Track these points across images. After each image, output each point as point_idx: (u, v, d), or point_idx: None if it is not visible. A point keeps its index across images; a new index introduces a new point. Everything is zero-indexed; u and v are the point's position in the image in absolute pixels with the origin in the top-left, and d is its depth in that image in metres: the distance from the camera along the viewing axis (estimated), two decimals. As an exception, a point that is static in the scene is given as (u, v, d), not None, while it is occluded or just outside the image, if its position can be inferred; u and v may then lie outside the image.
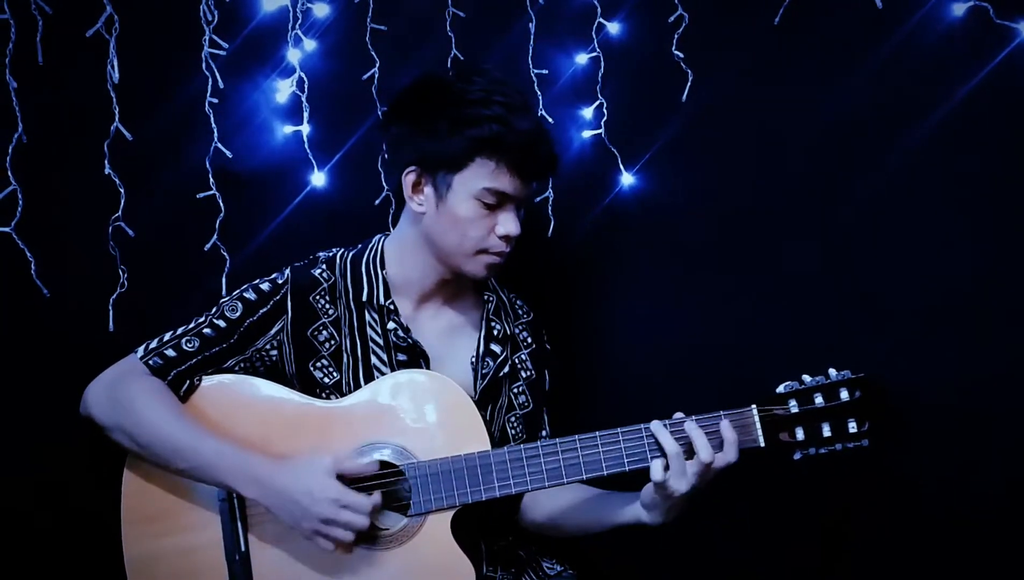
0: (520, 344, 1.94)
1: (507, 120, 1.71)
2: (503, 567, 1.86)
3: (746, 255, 2.11)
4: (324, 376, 1.80)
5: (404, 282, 1.84)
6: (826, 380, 1.72)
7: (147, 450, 1.72)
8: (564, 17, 2.14)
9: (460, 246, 1.77)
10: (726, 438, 1.67)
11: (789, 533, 2.09)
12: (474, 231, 1.75)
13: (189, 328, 1.79)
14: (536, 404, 1.94)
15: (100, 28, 2.08)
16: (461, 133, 1.72)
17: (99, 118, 2.08)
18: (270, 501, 1.67)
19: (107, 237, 2.09)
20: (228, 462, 1.68)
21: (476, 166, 1.73)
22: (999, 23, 2.00)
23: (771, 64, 2.09)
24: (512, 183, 1.74)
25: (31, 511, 2.05)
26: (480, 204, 1.74)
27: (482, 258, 1.78)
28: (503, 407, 1.89)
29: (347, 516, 1.64)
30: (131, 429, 1.72)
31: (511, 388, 1.91)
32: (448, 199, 1.75)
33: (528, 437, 1.91)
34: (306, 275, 1.82)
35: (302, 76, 2.13)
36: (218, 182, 2.13)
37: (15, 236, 2.05)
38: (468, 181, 1.74)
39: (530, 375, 1.94)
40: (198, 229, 2.12)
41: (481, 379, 1.85)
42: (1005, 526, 2.01)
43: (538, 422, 1.94)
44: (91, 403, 1.77)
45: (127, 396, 1.74)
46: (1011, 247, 2.01)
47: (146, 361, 1.77)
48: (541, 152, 1.78)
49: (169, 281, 2.13)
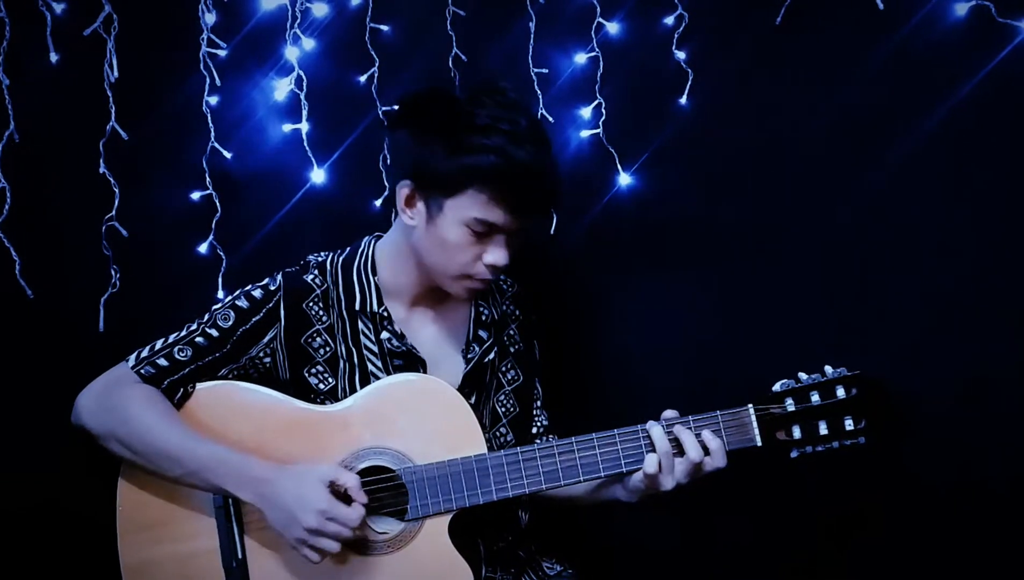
0: (508, 318, 1.93)
1: (506, 152, 1.64)
2: (502, 568, 1.86)
3: (744, 255, 2.11)
4: (320, 382, 1.79)
5: (396, 287, 1.83)
6: (822, 378, 1.72)
7: (141, 457, 1.71)
8: (564, 17, 2.13)
9: (444, 267, 1.74)
10: (710, 447, 1.68)
11: (787, 531, 2.10)
12: (460, 256, 1.72)
13: (181, 336, 1.78)
14: (526, 376, 1.93)
15: (98, 27, 2.08)
16: (458, 160, 1.66)
17: (95, 117, 2.08)
18: (264, 504, 1.66)
19: (100, 237, 2.09)
20: (224, 466, 1.67)
21: (469, 195, 1.67)
22: (1001, 22, 2.00)
23: (771, 64, 2.09)
24: (504, 217, 1.68)
25: (21, 516, 2.05)
26: (470, 231, 1.69)
27: (464, 282, 1.75)
28: (493, 388, 1.88)
29: (334, 528, 1.63)
30: (125, 437, 1.71)
31: (500, 367, 1.90)
32: (438, 221, 1.70)
33: (521, 410, 1.91)
34: (299, 281, 1.81)
35: (301, 75, 2.13)
36: (215, 182, 2.12)
37: (1, 234, 2.04)
38: (460, 208, 1.69)
39: (519, 347, 1.93)
40: (194, 229, 2.12)
41: (466, 363, 1.84)
42: (1004, 523, 2.01)
43: (530, 394, 1.94)
44: (83, 412, 1.75)
45: (120, 404, 1.72)
46: (1012, 246, 2.01)
47: (138, 370, 1.75)
48: (538, 188, 1.70)
49: (163, 282, 2.13)
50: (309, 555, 1.65)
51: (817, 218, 2.08)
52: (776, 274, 2.10)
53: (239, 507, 1.73)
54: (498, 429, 1.89)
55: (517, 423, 1.90)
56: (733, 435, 1.71)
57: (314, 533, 1.63)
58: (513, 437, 1.90)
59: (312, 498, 1.63)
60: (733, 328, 2.12)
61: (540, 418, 1.96)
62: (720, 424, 1.70)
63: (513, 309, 1.94)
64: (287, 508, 1.64)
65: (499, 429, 1.89)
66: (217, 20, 2.11)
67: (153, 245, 2.11)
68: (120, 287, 2.09)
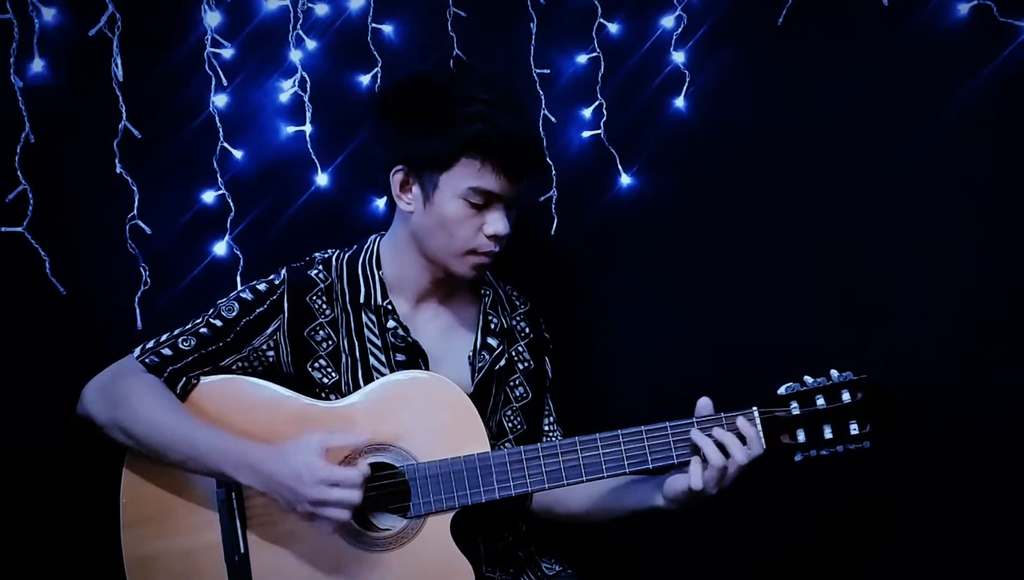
0: (518, 335, 1.94)
1: (491, 118, 1.70)
2: (501, 568, 1.86)
3: (745, 255, 2.12)
4: (323, 376, 1.81)
5: (400, 282, 1.85)
6: (828, 382, 1.69)
7: (143, 444, 1.72)
8: (565, 17, 2.14)
9: (448, 246, 1.76)
10: (747, 435, 1.66)
11: (789, 533, 2.11)
12: (462, 231, 1.75)
13: (186, 328, 1.80)
14: (536, 394, 1.94)
15: (103, 27, 2.08)
16: (445, 132, 1.71)
17: (107, 117, 2.09)
18: (265, 486, 1.67)
19: (125, 235, 2.10)
20: (223, 450, 1.68)
21: (461, 165, 1.72)
22: (1002, 21, 2.00)
23: (772, 65, 2.09)
24: (498, 182, 1.73)
25: (34, 513, 2.06)
26: (467, 204, 1.73)
27: (470, 259, 1.77)
28: (500, 401, 1.89)
29: (338, 494, 1.63)
30: (127, 424, 1.72)
31: (508, 382, 1.90)
32: (435, 199, 1.74)
33: (529, 428, 1.91)
34: (303, 275, 1.83)
35: (304, 76, 2.14)
36: (226, 182, 2.14)
37: (27, 235, 2.06)
38: (454, 180, 1.72)
39: (528, 366, 1.94)
40: (212, 228, 2.14)
41: (477, 373, 1.85)
42: (1006, 529, 2.03)
43: (539, 412, 1.94)
44: (87, 401, 1.77)
45: (122, 392, 1.74)
46: (1014, 247, 2.03)
47: (142, 359, 1.77)
48: (526, 150, 1.76)
49: (191, 279, 2.14)
50: (322, 526, 1.66)
51: (818, 218, 2.09)
52: (777, 274, 2.11)
53: (242, 501, 1.73)
54: (503, 445, 1.89)
55: (523, 442, 1.88)
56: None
57: (319, 503, 1.63)
58: None
59: (309, 470, 1.63)
60: (733, 328, 2.13)
61: (554, 434, 1.96)
62: (724, 426, 1.68)
63: (524, 326, 1.95)
64: (287, 485, 1.64)
65: (504, 445, 1.89)
66: (221, 20, 2.11)
67: (176, 243, 2.13)
68: (151, 285, 2.11)
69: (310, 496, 1.63)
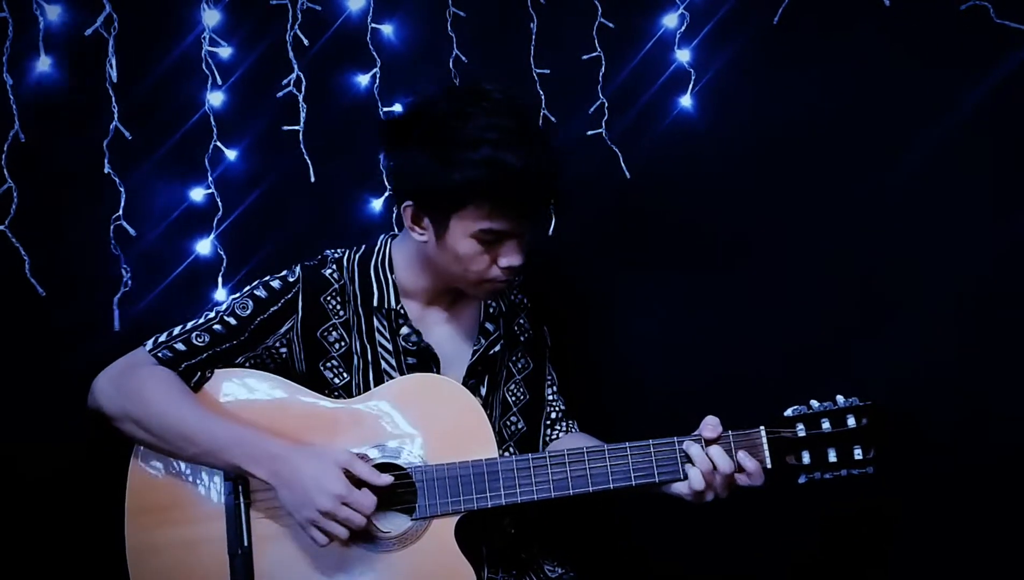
0: (517, 308, 1.93)
1: (497, 162, 1.62)
2: (504, 570, 1.86)
3: (746, 255, 2.12)
4: (334, 377, 1.80)
5: (413, 287, 1.84)
6: (834, 406, 1.71)
7: (156, 437, 1.71)
8: (565, 17, 2.14)
9: (463, 277, 1.75)
10: (748, 468, 1.67)
11: (788, 533, 2.10)
12: (475, 266, 1.72)
13: (199, 323, 1.79)
14: (536, 363, 1.94)
15: (99, 27, 2.07)
16: (451, 178, 1.64)
17: (98, 117, 2.07)
18: (277, 482, 1.66)
19: (109, 236, 2.08)
20: (239, 443, 1.68)
21: (471, 209, 1.66)
22: (999, 23, 2.02)
23: (773, 64, 2.10)
24: (509, 223, 1.68)
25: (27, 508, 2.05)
26: (479, 241, 1.69)
27: (486, 286, 1.76)
28: (503, 379, 1.89)
29: (346, 513, 1.64)
30: (140, 417, 1.71)
31: (509, 358, 1.90)
32: (446, 237, 1.70)
33: (531, 398, 1.91)
34: (318, 275, 1.82)
35: (300, 76, 2.12)
36: (216, 181, 2.12)
37: (9, 233, 2.04)
38: (465, 222, 1.68)
39: (529, 335, 1.93)
40: (199, 228, 2.12)
41: (472, 356, 1.85)
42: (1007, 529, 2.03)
43: (541, 380, 1.95)
44: (99, 394, 1.75)
45: (136, 385, 1.73)
46: (1014, 248, 2.03)
47: (155, 353, 1.76)
48: (537, 189, 1.68)
49: (173, 281, 2.12)
50: (317, 537, 1.65)
51: (818, 218, 2.09)
52: (778, 274, 2.11)
53: (248, 496, 1.72)
54: (508, 418, 1.89)
55: (528, 411, 1.91)
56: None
57: (326, 516, 1.63)
58: (524, 425, 1.90)
59: (329, 481, 1.64)
60: (733, 328, 2.12)
61: (557, 403, 1.97)
62: (731, 443, 1.70)
63: (522, 297, 1.95)
64: (303, 487, 1.64)
65: (509, 418, 1.89)
66: (219, 19, 2.11)
67: (160, 244, 2.11)
68: (132, 286, 2.09)
69: (321, 505, 1.63)
